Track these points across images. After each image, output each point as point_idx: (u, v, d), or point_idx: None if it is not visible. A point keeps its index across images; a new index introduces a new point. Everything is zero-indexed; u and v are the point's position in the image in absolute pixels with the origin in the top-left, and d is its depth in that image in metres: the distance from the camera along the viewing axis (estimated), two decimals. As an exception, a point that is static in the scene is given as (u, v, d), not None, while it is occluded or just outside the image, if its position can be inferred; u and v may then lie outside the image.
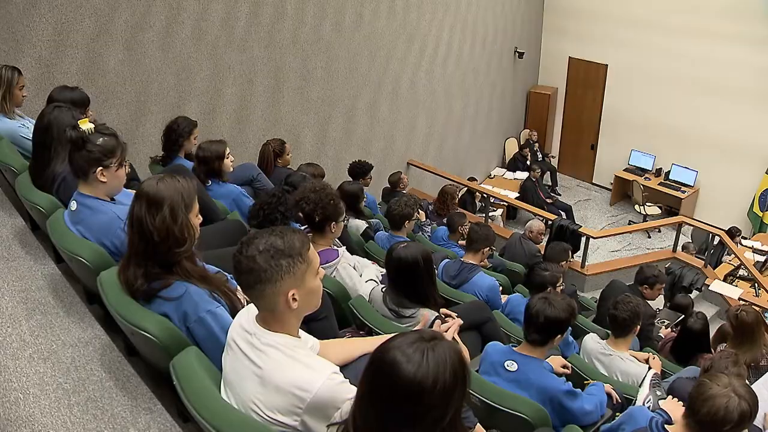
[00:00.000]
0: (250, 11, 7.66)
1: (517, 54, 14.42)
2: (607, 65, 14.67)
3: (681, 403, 3.33)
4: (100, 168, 3.20)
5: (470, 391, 3.33)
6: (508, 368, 3.56)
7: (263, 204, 4.31)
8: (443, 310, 3.89)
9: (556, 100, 15.72)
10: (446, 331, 3.01)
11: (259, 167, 6.44)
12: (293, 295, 2.18)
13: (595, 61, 14.80)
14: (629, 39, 13.94)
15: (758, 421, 4.02)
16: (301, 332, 2.42)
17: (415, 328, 2.86)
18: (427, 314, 3.34)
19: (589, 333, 5.08)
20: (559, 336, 3.58)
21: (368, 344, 2.65)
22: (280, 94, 8.38)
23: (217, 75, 7.48)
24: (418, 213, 6.42)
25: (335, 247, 4.27)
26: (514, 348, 3.68)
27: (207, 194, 4.77)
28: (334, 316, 3.60)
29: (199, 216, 2.87)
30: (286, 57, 8.36)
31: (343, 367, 2.51)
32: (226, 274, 3.05)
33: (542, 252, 7.81)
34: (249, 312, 2.33)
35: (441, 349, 1.78)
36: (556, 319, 3.48)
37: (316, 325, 3.17)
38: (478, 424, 2.99)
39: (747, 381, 4.33)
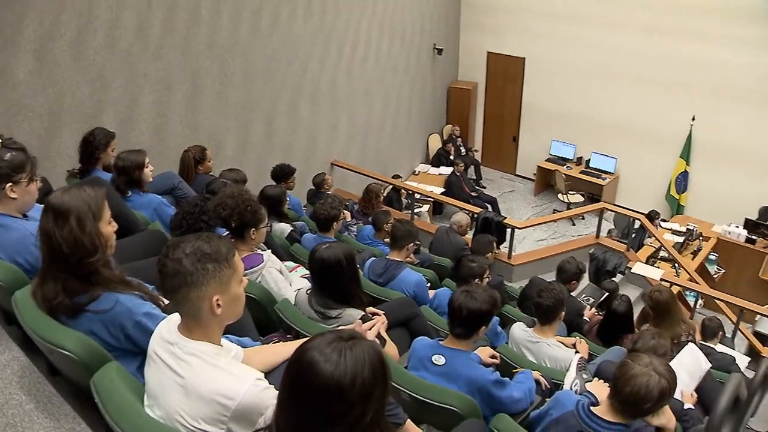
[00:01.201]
0: (164, 17, 7.54)
1: (435, 50, 14.52)
2: (524, 58, 14.92)
3: (606, 384, 3.41)
4: (10, 184, 3.14)
5: (400, 387, 3.37)
6: (435, 362, 3.59)
7: (186, 214, 4.26)
8: (370, 309, 3.91)
9: (477, 94, 15.89)
10: (370, 329, 3.02)
11: (180, 175, 6.38)
12: (217, 300, 2.18)
13: (512, 54, 15.03)
14: (544, 32, 14.24)
15: (676, 396, 4.16)
16: (224, 340, 2.41)
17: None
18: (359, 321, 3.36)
19: (516, 322, 5.16)
20: (483, 327, 3.63)
21: (292, 348, 2.64)
22: (198, 101, 8.28)
23: (132, 83, 7.34)
24: (344, 213, 6.43)
25: (260, 252, 4.26)
26: (440, 342, 3.71)
27: (126, 205, 4.71)
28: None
29: (113, 224, 2.83)
30: (203, 62, 8.25)
31: (269, 373, 2.51)
32: (148, 285, 3.01)
33: (469, 245, 7.89)
34: (170, 323, 2.31)
35: (359, 348, 1.79)
36: (479, 311, 3.54)
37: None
38: (409, 420, 3.01)
39: (672, 355, 4.50)
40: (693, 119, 12.88)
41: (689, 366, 4.57)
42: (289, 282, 4.36)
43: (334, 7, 10.74)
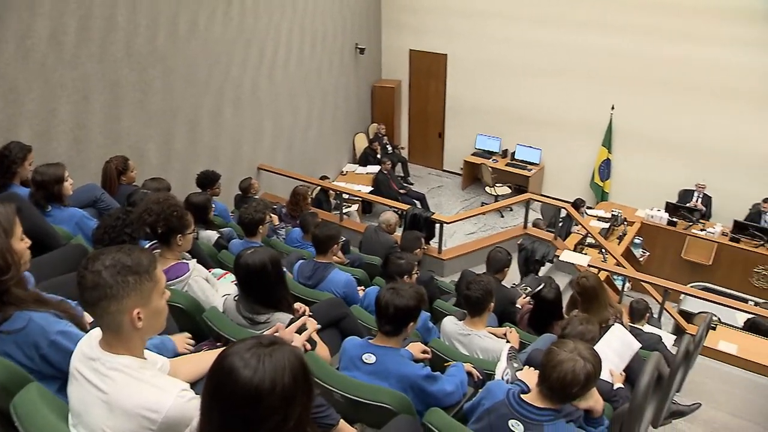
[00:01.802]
0: (79, 25, 7.38)
1: (358, 50, 14.54)
2: (446, 55, 15.11)
3: (536, 371, 3.47)
4: None
5: (332, 388, 3.38)
6: (366, 361, 3.59)
7: (108, 227, 4.17)
8: (297, 304, 3.92)
9: (401, 92, 16.01)
10: (300, 331, 3.02)
11: (103, 187, 6.27)
12: (138, 314, 2.14)
13: (434, 51, 15.20)
14: (466, 28, 14.46)
15: (605, 377, 4.29)
16: (149, 353, 2.38)
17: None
18: (279, 324, 3.32)
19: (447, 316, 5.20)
20: (411, 323, 3.64)
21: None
22: (118, 110, 8.12)
23: (48, 94, 7.16)
24: (270, 216, 6.40)
25: (185, 261, 4.21)
26: (370, 341, 3.72)
27: (44, 220, 4.61)
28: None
29: (25, 239, 2.77)
30: (122, 70, 8.10)
31: (197, 382, 2.50)
32: (70, 301, 2.95)
33: (399, 242, 7.94)
34: (90, 338, 2.26)
35: (279, 353, 1.79)
36: (406, 307, 3.54)
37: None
38: (342, 420, 3.03)
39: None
40: (612, 108, 13.28)
41: (618, 347, 4.68)
42: (216, 289, 4.33)
43: (254, 11, 10.67)
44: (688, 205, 12.54)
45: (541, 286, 6.99)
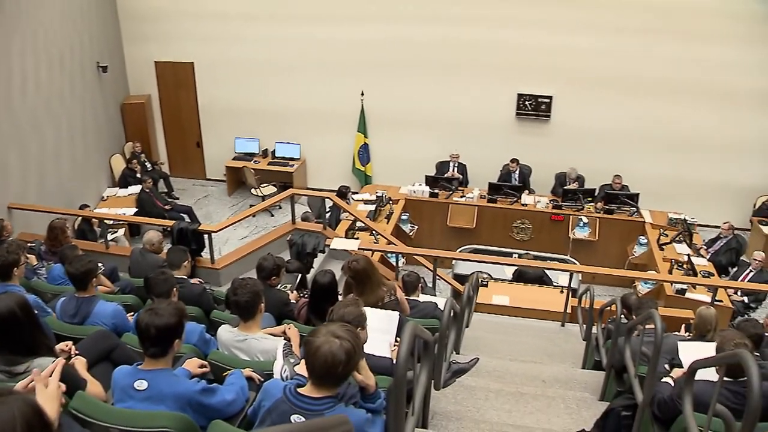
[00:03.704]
0: None
1: (99, 68, 13.96)
2: (193, 63, 15.05)
3: (310, 363, 3.56)
4: None
5: (107, 424, 3.29)
6: (138, 388, 3.49)
7: None
8: (62, 344, 3.76)
9: (152, 106, 15.67)
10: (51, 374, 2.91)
11: None
12: None
13: (180, 60, 15.07)
14: (207, 33, 14.49)
15: (386, 354, 4.46)
16: None
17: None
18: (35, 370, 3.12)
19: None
20: (177, 340, 3.61)
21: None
22: None
23: None
24: (26, 256, 6.08)
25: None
26: (139, 366, 3.62)
27: None
28: None
29: None
30: None
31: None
32: None
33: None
34: None
35: (6, 405, 1.73)
36: (167, 326, 3.50)
37: None
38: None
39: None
40: (362, 94, 13.82)
41: (378, 324, 4.84)
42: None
43: (-28, 39, 9.95)
44: (446, 175, 13.41)
45: (298, 278, 7.17)
